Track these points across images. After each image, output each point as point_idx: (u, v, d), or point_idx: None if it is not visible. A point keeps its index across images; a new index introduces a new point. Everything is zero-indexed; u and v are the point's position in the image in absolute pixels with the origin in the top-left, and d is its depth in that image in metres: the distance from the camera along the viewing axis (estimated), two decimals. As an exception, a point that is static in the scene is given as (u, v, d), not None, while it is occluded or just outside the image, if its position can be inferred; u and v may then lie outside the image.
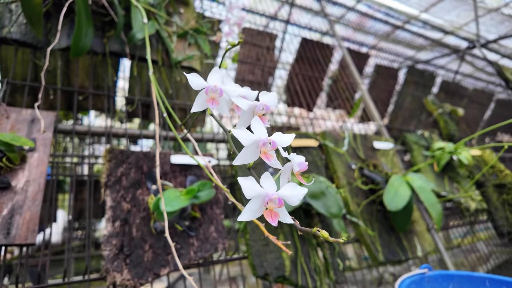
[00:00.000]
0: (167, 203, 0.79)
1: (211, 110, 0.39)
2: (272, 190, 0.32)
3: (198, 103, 0.40)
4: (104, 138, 1.38)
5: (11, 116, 0.89)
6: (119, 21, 1.11)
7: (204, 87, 0.39)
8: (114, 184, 0.91)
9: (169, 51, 1.26)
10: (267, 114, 1.61)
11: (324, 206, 1.02)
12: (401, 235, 1.36)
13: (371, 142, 1.61)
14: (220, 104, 0.39)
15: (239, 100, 0.38)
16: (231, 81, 0.44)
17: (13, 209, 0.76)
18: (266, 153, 0.35)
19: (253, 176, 0.35)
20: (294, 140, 1.33)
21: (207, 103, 0.39)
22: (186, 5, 1.44)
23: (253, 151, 0.35)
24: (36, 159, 0.86)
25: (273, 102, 0.40)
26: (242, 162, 0.36)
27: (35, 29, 0.99)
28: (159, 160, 1.02)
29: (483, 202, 1.78)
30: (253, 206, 0.32)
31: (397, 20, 3.37)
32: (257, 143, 0.35)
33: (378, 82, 3.05)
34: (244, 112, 0.39)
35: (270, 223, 0.33)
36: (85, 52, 1.05)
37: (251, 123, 0.35)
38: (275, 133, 0.37)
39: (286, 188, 0.33)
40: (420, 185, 1.30)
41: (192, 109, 0.40)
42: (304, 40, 2.48)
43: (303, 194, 0.32)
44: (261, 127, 0.35)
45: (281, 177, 0.37)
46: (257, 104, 0.39)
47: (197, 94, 0.41)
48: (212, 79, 0.40)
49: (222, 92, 0.39)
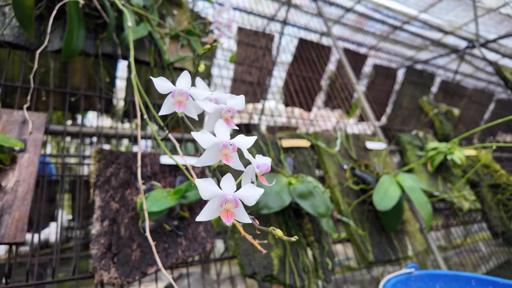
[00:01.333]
0: (154, 203, 0.80)
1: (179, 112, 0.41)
2: (229, 191, 0.33)
3: (165, 106, 0.41)
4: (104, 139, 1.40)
5: (3, 117, 0.91)
6: (111, 23, 1.13)
7: (171, 91, 0.40)
8: (103, 184, 0.92)
9: (161, 53, 1.28)
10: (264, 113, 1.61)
11: (312, 206, 1.03)
12: (392, 235, 1.37)
13: (364, 142, 1.62)
14: (187, 107, 0.41)
15: (205, 104, 0.39)
16: (203, 85, 0.46)
17: (3, 209, 0.78)
18: (226, 155, 0.36)
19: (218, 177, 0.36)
20: (285, 140, 1.34)
21: (174, 106, 0.40)
22: (179, 6, 1.46)
23: (214, 153, 0.37)
24: (26, 159, 0.87)
25: (240, 105, 0.41)
26: (203, 164, 0.37)
27: (27, 32, 1.01)
28: (149, 160, 1.03)
29: (477, 202, 1.79)
30: (211, 206, 0.34)
31: (395, 21, 3.37)
32: (218, 145, 0.36)
33: (376, 82, 3.05)
34: (211, 115, 0.40)
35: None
36: (76, 54, 1.06)
37: (215, 126, 0.37)
38: (236, 136, 0.38)
39: (243, 188, 0.34)
40: (411, 185, 1.30)
41: (160, 112, 0.41)
42: (302, 41, 2.49)
43: (259, 195, 0.34)
44: (224, 130, 0.37)
45: (243, 179, 0.39)
46: (223, 107, 0.40)
47: None
48: (179, 83, 0.41)
49: (188, 95, 0.40)
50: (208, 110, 0.39)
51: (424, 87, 3.30)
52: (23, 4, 0.97)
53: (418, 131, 1.95)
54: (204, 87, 0.46)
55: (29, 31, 1.01)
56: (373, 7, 3.22)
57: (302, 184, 1.06)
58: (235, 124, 1.53)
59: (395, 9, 3.35)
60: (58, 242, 1.09)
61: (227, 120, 0.39)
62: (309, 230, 1.18)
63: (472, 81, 4.32)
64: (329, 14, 2.98)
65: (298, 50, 2.49)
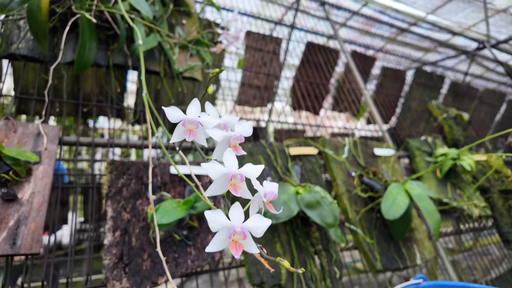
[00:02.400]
0: (164, 215, 0.82)
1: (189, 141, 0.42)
2: (238, 222, 0.35)
3: (176, 134, 0.43)
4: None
5: (18, 130, 0.94)
6: (122, 35, 1.15)
7: (182, 120, 0.42)
8: (115, 195, 0.95)
9: (171, 62, 1.30)
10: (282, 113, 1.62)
11: (319, 216, 1.03)
12: (400, 242, 1.37)
13: (372, 149, 1.62)
14: (197, 135, 0.42)
15: (214, 133, 0.40)
16: (212, 109, 0.47)
17: (19, 220, 0.81)
18: (235, 185, 0.37)
19: (227, 204, 0.37)
20: (293, 148, 1.35)
21: (184, 134, 0.42)
22: (188, 15, 1.48)
23: (222, 183, 0.38)
24: (41, 171, 0.90)
25: (247, 131, 0.43)
26: (212, 193, 0.38)
27: (41, 45, 1.04)
28: (159, 170, 1.05)
29: (487, 208, 1.77)
30: (220, 237, 0.35)
31: (403, 23, 3.35)
32: (227, 175, 0.37)
33: (385, 85, 3.04)
34: (219, 142, 0.41)
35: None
36: (88, 66, 1.09)
37: (224, 155, 0.38)
38: (244, 166, 0.39)
39: (251, 220, 0.35)
40: (419, 193, 1.30)
41: (171, 140, 0.42)
42: (310, 44, 2.49)
43: (267, 226, 0.35)
44: (233, 160, 0.38)
45: (251, 207, 0.40)
46: (232, 135, 0.41)
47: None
48: (189, 112, 0.42)
49: (198, 124, 0.41)
50: (217, 139, 0.40)
51: (434, 89, 3.27)
52: (37, 18, 1.00)
53: (427, 137, 1.94)
54: (213, 111, 0.47)
55: (43, 45, 1.04)
56: (380, 10, 3.20)
57: (309, 194, 1.07)
58: None
59: (402, 11, 3.33)
60: (73, 244, 1.12)
61: (235, 147, 0.41)
62: (317, 239, 1.18)
63: (482, 82, 4.26)
64: (336, 17, 2.98)
65: (306, 54, 2.50)
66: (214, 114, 0.47)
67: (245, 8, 2.38)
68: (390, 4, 3.15)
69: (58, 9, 1.12)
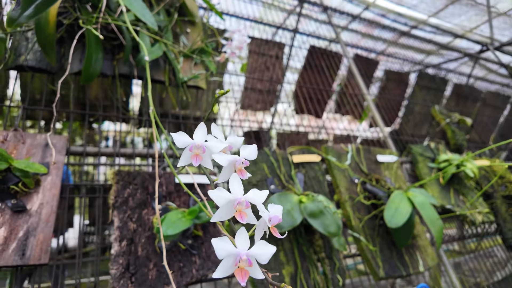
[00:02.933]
0: (169, 226, 0.84)
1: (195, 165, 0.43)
2: (244, 249, 0.36)
3: (183, 159, 0.44)
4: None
5: (27, 141, 0.96)
6: (127, 45, 1.17)
7: (189, 145, 0.43)
8: (121, 205, 0.96)
9: (176, 71, 1.31)
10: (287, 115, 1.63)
11: (322, 225, 1.05)
12: (402, 250, 1.37)
13: (375, 155, 1.63)
14: (203, 159, 0.44)
15: (219, 158, 0.41)
16: (218, 131, 0.49)
17: (28, 231, 0.83)
18: (240, 211, 0.39)
19: (233, 228, 0.39)
20: (296, 156, 1.36)
21: (191, 159, 0.43)
22: (193, 24, 1.49)
23: (228, 209, 0.39)
24: (49, 182, 0.92)
25: (252, 155, 0.44)
26: (219, 219, 0.39)
27: (49, 57, 1.06)
28: (164, 180, 1.07)
29: (490, 214, 1.77)
30: (226, 263, 0.36)
31: (405, 26, 3.36)
32: (232, 202, 0.39)
33: (388, 88, 3.04)
34: (225, 167, 0.43)
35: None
36: (95, 77, 1.11)
37: (230, 180, 0.39)
38: (250, 191, 0.40)
39: (256, 247, 0.37)
40: (421, 200, 1.31)
41: (178, 164, 0.44)
42: (312, 48, 2.51)
43: (272, 253, 0.36)
44: (238, 186, 0.39)
45: (256, 231, 0.41)
46: (237, 159, 0.42)
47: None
48: (196, 137, 0.44)
49: (204, 149, 0.43)
50: (222, 164, 0.41)
51: (437, 92, 3.27)
52: (45, 31, 1.02)
53: (430, 142, 1.94)
54: (218, 133, 0.49)
55: (51, 56, 1.06)
56: (382, 13, 3.21)
57: (312, 203, 1.08)
58: (246, 131, 1.57)
59: (404, 14, 3.34)
60: (80, 246, 1.14)
61: (241, 171, 0.42)
62: (320, 247, 1.20)
63: (484, 84, 4.25)
64: (338, 20, 2.99)
65: (309, 57, 2.51)
66: (220, 137, 0.48)
67: (247, 13, 2.39)
68: (392, 7, 3.15)
69: (65, 21, 1.14)
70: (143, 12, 1.06)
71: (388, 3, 3.11)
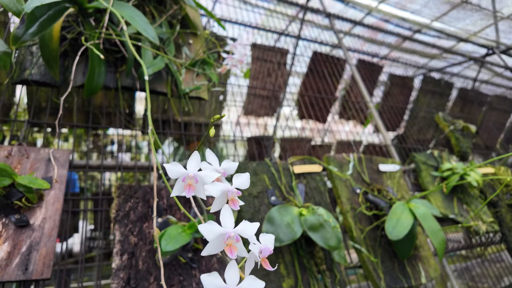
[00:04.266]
0: (169, 242, 0.85)
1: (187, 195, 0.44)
2: (232, 284, 0.36)
3: (176, 189, 0.45)
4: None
5: (31, 156, 0.98)
6: (129, 58, 1.18)
7: (182, 176, 0.44)
8: (122, 218, 0.98)
9: (178, 83, 1.33)
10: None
11: (322, 239, 1.05)
12: (404, 261, 1.37)
13: (377, 164, 1.62)
14: (197, 189, 0.44)
15: (211, 189, 0.42)
16: (213, 157, 0.49)
17: (31, 246, 0.84)
18: (230, 245, 0.39)
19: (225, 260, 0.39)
20: (297, 166, 1.36)
21: (184, 189, 0.44)
22: (195, 35, 1.51)
23: (219, 243, 0.40)
24: (52, 196, 0.93)
25: (245, 184, 0.45)
26: (209, 253, 0.40)
27: (53, 71, 1.08)
28: (165, 192, 1.08)
29: (495, 224, 1.75)
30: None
31: (408, 30, 3.35)
32: (223, 235, 0.39)
33: (392, 92, 3.04)
34: (217, 198, 0.43)
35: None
36: (98, 90, 1.13)
37: (221, 212, 0.40)
38: (240, 224, 0.41)
39: (245, 282, 0.37)
40: (423, 212, 1.30)
41: (171, 194, 0.44)
42: (315, 54, 2.51)
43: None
44: (229, 218, 0.40)
45: (246, 263, 0.41)
46: (229, 189, 0.43)
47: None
48: (189, 167, 0.44)
49: (197, 179, 0.44)
50: (214, 195, 0.42)
51: (442, 96, 3.25)
52: (49, 46, 1.04)
53: (433, 150, 1.93)
54: (213, 159, 0.49)
55: (55, 71, 1.08)
56: (386, 18, 3.21)
57: (313, 216, 1.08)
58: (251, 136, 1.58)
59: (407, 18, 3.33)
60: (82, 252, 1.16)
61: (233, 201, 0.43)
62: (321, 259, 1.20)
63: (488, 87, 4.22)
64: (341, 25, 2.99)
65: (312, 63, 2.52)
66: (214, 163, 0.49)
67: (250, 20, 2.41)
68: (395, 12, 3.15)
69: (69, 35, 1.16)
70: (145, 27, 1.07)
71: (391, 8, 3.10)
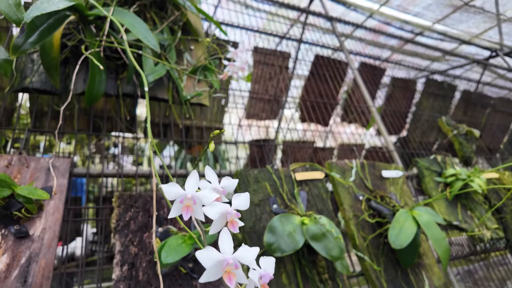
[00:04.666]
0: (169, 254, 0.84)
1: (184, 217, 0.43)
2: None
3: (174, 211, 0.44)
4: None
5: (31, 165, 0.97)
6: (130, 66, 1.18)
7: (179, 197, 0.43)
8: (122, 228, 0.97)
9: (179, 89, 1.32)
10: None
11: (325, 249, 1.03)
12: (408, 269, 1.35)
13: (380, 170, 1.61)
14: (195, 210, 0.43)
15: (210, 211, 0.41)
16: (212, 174, 0.48)
17: (30, 257, 0.83)
18: (229, 272, 0.38)
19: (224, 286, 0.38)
20: (299, 173, 1.35)
21: (182, 211, 0.43)
22: (196, 41, 1.50)
23: (217, 269, 0.39)
24: (52, 206, 0.93)
25: (245, 204, 0.44)
26: (207, 280, 0.39)
27: (53, 80, 1.07)
28: (165, 201, 1.07)
29: (499, 230, 1.73)
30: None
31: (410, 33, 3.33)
32: (221, 262, 0.38)
33: (394, 95, 3.02)
34: (215, 220, 0.42)
35: None
36: (99, 98, 1.12)
37: (219, 236, 0.39)
38: (239, 250, 0.40)
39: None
40: (426, 220, 1.29)
41: (169, 216, 0.43)
42: (317, 57, 2.50)
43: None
44: (228, 243, 0.39)
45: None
46: (228, 211, 0.42)
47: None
48: (187, 187, 0.43)
49: (195, 200, 0.43)
50: (212, 218, 0.41)
51: (445, 98, 3.23)
52: (49, 55, 1.03)
53: (437, 155, 1.92)
54: (212, 176, 0.48)
55: (55, 79, 1.07)
56: (387, 21, 3.19)
57: (315, 225, 1.07)
58: (252, 140, 1.57)
59: (409, 21, 3.32)
60: (83, 256, 1.15)
61: (232, 223, 0.42)
62: (323, 268, 1.18)
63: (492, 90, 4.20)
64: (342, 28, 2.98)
65: (314, 66, 2.51)
66: (213, 180, 0.48)
67: (252, 24, 2.40)
68: (397, 15, 3.14)
69: (69, 42, 1.16)
70: (146, 35, 1.06)
71: (393, 11, 3.09)
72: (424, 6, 3.11)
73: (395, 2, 2.99)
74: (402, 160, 2.20)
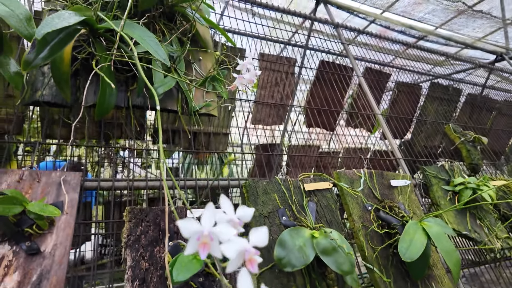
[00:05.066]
0: (180, 271, 0.83)
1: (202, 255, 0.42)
2: None
3: (190, 247, 0.43)
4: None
5: (42, 180, 0.97)
6: (140, 78, 1.18)
7: (196, 234, 0.42)
8: (133, 243, 0.97)
9: (188, 101, 1.32)
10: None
11: (335, 263, 1.03)
12: (418, 281, 1.34)
13: (388, 180, 1.60)
14: (212, 247, 0.42)
15: (227, 250, 0.40)
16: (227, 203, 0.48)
17: (41, 275, 0.83)
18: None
19: None
20: (308, 184, 1.35)
21: (199, 248, 0.42)
22: (205, 52, 1.50)
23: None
24: (63, 221, 0.93)
25: (263, 240, 0.43)
26: None
27: (64, 93, 1.08)
28: (177, 215, 1.07)
29: (510, 240, 1.72)
30: None
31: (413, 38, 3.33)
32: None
33: (399, 100, 3.01)
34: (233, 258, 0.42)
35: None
36: (110, 111, 1.12)
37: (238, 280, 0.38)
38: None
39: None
40: (437, 231, 1.28)
41: (185, 253, 0.42)
42: (322, 63, 2.50)
43: None
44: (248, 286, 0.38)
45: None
46: (247, 249, 0.41)
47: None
48: (203, 222, 0.42)
49: (212, 237, 0.42)
50: (230, 257, 0.40)
51: (450, 102, 3.22)
52: (60, 69, 1.03)
53: (444, 163, 1.91)
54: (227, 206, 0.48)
55: (66, 92, 1.07)
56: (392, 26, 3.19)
57: (325, 239, 1.07)
58: (259, 144, 1.57)
59: (413, 25, 3.31)
60: (94, 260, 1.15)
61: (251, 261, 0.41)
62: (333, 280, 1.18)
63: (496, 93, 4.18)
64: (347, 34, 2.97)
65: (319, 72, 2.51)
66: (229, 211, 0.47)
67: (257, 31, 2.40)
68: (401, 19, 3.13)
69: (80, 55, 1.16)
70: (156, 49, 1.06)
71: (397, 16, 3.09)
72: (428, 11, 3.11)
73: (400, 8, 2.99)
74: (407, 164, 2.19)
